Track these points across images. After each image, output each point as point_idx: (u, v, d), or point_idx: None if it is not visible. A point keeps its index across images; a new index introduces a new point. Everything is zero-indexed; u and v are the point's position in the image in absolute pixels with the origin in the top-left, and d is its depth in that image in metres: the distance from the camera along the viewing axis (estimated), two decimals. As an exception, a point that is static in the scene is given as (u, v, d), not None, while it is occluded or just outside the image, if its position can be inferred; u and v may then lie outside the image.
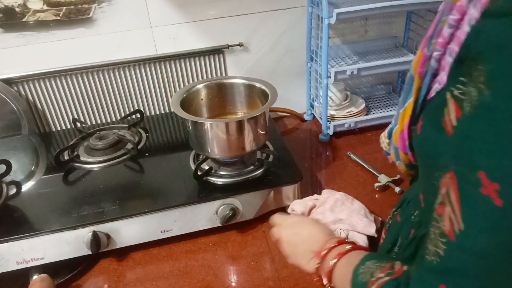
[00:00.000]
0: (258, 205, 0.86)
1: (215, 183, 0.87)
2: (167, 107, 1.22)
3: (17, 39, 1.04)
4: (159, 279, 0.78)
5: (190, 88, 0.95)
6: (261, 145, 0.89)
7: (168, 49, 1.14)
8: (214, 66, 1.19)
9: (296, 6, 1.16)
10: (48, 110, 1.15)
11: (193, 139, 0.88)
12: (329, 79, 1.08)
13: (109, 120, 1.20)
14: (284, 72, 1.25)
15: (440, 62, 0.42)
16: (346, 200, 0.85)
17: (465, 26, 0.38)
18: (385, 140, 0.61)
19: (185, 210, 0.82)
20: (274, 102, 0.86)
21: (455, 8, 0.39)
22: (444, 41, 0.41)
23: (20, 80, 1.09)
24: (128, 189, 0.88)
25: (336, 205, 0.83)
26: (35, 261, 0.78)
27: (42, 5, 1.02)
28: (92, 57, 1.10)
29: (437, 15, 0.46)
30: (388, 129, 0.58)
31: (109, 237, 0.80)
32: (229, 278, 0.77)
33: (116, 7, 1.05)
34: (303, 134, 1.24)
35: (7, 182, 0.88)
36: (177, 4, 1.08)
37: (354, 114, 1.21)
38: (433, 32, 0.44)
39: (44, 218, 0.80)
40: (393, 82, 1.37)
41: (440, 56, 0.42)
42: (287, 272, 0.77)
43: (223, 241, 0.85)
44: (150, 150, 1.02)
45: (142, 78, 1.16)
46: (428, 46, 0.45)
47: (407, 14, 1.23)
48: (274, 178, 0.88)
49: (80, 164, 0.96)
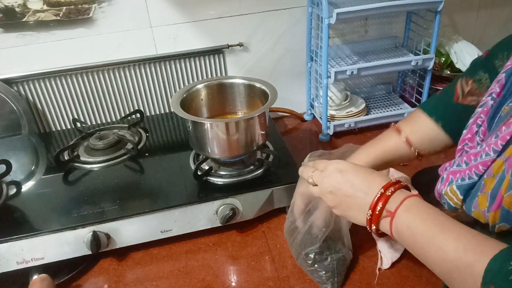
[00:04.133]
0: (258, 205, 0.86)
1: (215, 183, 0.87)
2: (167, 107, 1.22)
3: (17, 39, 1.04)
4: (159, 279, 0.78)
5: (190, 88, 0.95)
6: (261, 145, 0.89)
7: (168, 49, 1.14)
8: (214, 66, 1.19)
9: (296, 6, 1.16)
10: (48, 110, 1.15)
11: (193, 139, 0.88)
12: (329, 79, 1.08)
13: (109, 120, 1.20)
14: (284, 72, 1.25)
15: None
16: None
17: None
18: (455, 196, 0.53)
19: (185, 210, 0.82)
20: (274, 102, 0.86)
21: None
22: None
23: (20, 80, 1.09)
24: (128, 189, 0.88)
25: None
26: (35, 261, 0.78)
27: (42, 5, 1.02)
28: (92, 57, 1.10)
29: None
30: (466, 185, 0.51)
31: (109, 237, 0.80)
32: (229, 278, 0.77)
33: (116, 7, 1.05)
34: (303, 134, 1.24)
35: (7, 182, 0.88)
36: (177, 4, 1.08)
37: (354, 114, 1.21)
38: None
39: (44, 218, 0.80)
40: (393, 82, 1.37)
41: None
42: (287, 272, 0.77)
43: (223, 241, 0.85)
44: (150, 150, 1.02)
45: (142, 78, 1.16)
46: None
47: (407, 14, 1.23)
48: (274, 178, 0.88)
49: (80, 164, 0.96)
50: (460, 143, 0.57)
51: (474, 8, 1.32)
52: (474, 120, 0.56)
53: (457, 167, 0.54)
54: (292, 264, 0.78)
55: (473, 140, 0.55)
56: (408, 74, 1.31)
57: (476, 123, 0.55)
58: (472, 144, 0.55)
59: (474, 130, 0.55)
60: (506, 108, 0.51)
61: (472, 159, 0.51)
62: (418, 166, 0.96)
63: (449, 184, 0.54)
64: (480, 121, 0.55)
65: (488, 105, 0.54)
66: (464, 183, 0.51)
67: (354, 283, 0.74)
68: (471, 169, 0.51)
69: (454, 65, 1.22)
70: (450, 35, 1.28)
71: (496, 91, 0.54)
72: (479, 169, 0.49)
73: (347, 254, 0.76)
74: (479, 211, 0.48)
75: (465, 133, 0.57)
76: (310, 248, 0.74)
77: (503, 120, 0.50)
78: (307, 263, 0.75)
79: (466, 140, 0.56)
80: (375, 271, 0.75)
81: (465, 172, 0.51)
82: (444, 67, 1.26)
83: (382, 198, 0.52)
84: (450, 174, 0.54)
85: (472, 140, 0.55)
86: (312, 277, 0.75)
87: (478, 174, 0.49)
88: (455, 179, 0.53)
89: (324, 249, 0.74)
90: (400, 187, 0.53)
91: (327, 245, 0.75)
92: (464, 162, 0.53)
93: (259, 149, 0.91)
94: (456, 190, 0.52)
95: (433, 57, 1.11)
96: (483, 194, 0.48)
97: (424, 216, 0.48)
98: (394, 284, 0.73)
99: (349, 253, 0.76)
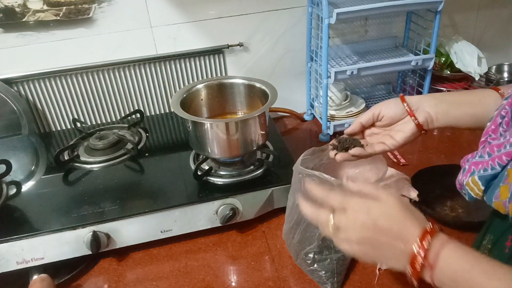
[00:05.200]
0: (258, 205, 0.86)
1: (215, 183, 0.87)
2: (167, 107, 1.22)
3: (17, 39, 1.04)
4: (159, 279, 0.78)
5: (190, 88, 0.95)
6: (261, 145, 0.89)
7: (168, 49, 1.14)
8: (214, 66, 1.19)
9: (296, 6, 1.16)
10: (48, 110, 1.15)
11: (193, 139, 0.88)
12: (329, 79, 1.08)
13: (109, 120, 1.20)
14: (284, 72, 1.25)
15: None
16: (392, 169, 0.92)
17: None
18: (476, 187, 0.52)
19: (185, 210, 0.82)
20: (274, 102, 0.86)
21: None
22: None
23: (20, 80, 1.09)
24: (128, 189, 0.88)
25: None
26: (35, 261, 0.78)
27: (42, 5, 1.02)
28: (92, 57, 1.10)
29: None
30: (488, 176, 0.50)
31: (109, 237, 0.80)
32: (229, 278, 0.77)
33: (116, 7, 1.05)
34: (303, 134, 1.24)
35: (7, 182, 0.88)
36: (177, 4, 1.08)
37: (354, 114, 1.21)
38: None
39: (44, 218, 0.80)
40: (393, 82, 1.37)
41: None
42: (287, 272, 0.77)
43: (223, 241, 0.85)
44: (150, 150, 1.02)
45: (142, 78, 1.16)
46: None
47: (407, 14, 1.23)
48: (274, 178, 0.88)
49: (80, 164, 0.96)
50: (483, 134, 0.56)
51: (474, 8, 1.32)
52: (499, 112, 0.55)
53: (479, 158, 0.53)
54: (292, 264, 0.78)
55: (497, 132, 0.54)
56: (408, 74, 1.31)
57: (500, 114, 0.55)
58: (495, 135, 0.54)
59: (498, 122, 0.55)
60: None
61: (495, 150, 0.51)
62: (418, 166, 0.96)
63: (471, 174, 0.53)
64: (504, 112, 0.54)
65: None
66: (486, 173, 0.50)
67: (354, 283, 0.74)
68: (494, 160, 0.50)
69: (454, 65, 1.21)
70: (450, 35, 1.28)
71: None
72: (502, 159, 0.49)
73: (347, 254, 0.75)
74: (500, 202, 0.48)
75: (489, 124, 0.56)
76: (309, 247, 0.74)
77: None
78: (307, 263, 0.75)
79: (490, 131, 0.55)
80: (375, 271, 0.75)
81: (488, 163, 0.51)
82: (444, 67, 1.26)
83: (421, 251, 0.46)
84: (472, 165, 0.53)
85: (495, 131, 0.55)
86: (312, 277, 0.75)
87: (502, 164, 0.49)
88: (477, 170, 0.52)
89: (324, 249, 0.74)
90: (435, 232, 0.47)
91: (326, 244, 0.74)
92: (487, 153, 0.52)
93: (259, 149, 0.91)
94: (478, 181, 0.51)
95: (433, 57, 1.11)
96: (505, 185, 0.47)
97: (467, 267, 0.44)
98: (394, 284, 0.73)
99: (349, 253, 0.76)
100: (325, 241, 0.74)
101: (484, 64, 1.19)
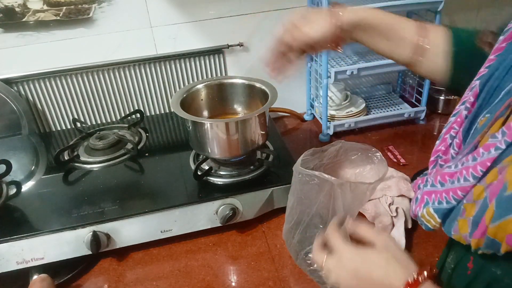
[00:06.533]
0: (258, 205, 0.86)
1: (215, 183, 0.87)
2: (167, 107, 1.22)
3: (17, 39, 1.04)
4: (159, 279, 0.78)
5: (190, 88, 0.95)
6: (261, 145, 0.89)
7: (168, 49, 1.14)
8: (214, 66, 1.19)
9: (296, 6, 1.16)
10: (48, 110, 1.15)
11: (193, 139, 0.88)
12: (329, 79, 1.08)
13: (109, 120, 1.20)
14: (284, 72, 1.25)
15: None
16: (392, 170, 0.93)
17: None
18: (432, 219, 0.50)
19: (185, 210, 0.82)
20: (274, 102, 0.86)
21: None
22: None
23: (20, 80, 1.09)
24: (128, 189, 0.88)
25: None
26: (35, 261, 0.78)
27: (42, 5, 1.02)
28: (92, 57, 1.10)
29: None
30: (444, 209, 0.48)
31: (109, 237, 0.80)
32: (229, 278, 0.77)
33: (116, 7, 1.05)
34: (303, 134, 1.24)
35: (7, 182, 0.88)
36: (177, 4, 1.08)
37: (354, 114, 1.21)
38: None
39: (44, 218, 0.81)
40: (393, 82, 1.37)
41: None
42: (287, 272, 0.77)
43: (223, 241, 0.85)
44: (150, 150, 1.02)
45: (142, 78, 1.16)
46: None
47: (407, 14, 1.23)
48: (274, 178, 0.88)
49: (80, 164, 0.96)
50: (433, 154, 0.54)
51: (474, 8, 1.32)
52: (447, 131, 0.53)
53: (431, 187, 0.50)
54: (292, 264, 0.78)
55: (447, 153, 0.52)
56: (408, 74, 1.31)
57: (449, 134, 0.52)
58: (446, 157, 0.52)
59: (448, 142, 0.52)
60: (482, 120, 0.48)
61: (448, 180, 0.48)
62: (418, 166, 0.96)
63: (425, 205, 0.50)
64: (454, 132, 0.52)
65: (462, 115, 0.51)
66: (441, 206, 0.48)
67: (354, 283, 0.74)
68: (448, 192, 0.47)
69: (454, 65, 1.21)
70: (450, 35, 1.28)
71: (470, 101, 0.50)
72: (457, 194, 0.46)
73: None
74: (460, 235, 0.46)
75: (438, 143, 0.54)
76: (309, 247, 0.74)
77: (479, 133, 0.47)
78: (307, 263, 0.75)
79: (440, 152, 0.53)
80: (375, 271, 0.75)
81: (442, 194, 0.48)
82: (444, 67, 1.26)
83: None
84: (425, 195, 0.51)
85: (446, 152, 0.53)
86: (312, 277, 0.75)
87: (457, 199, 0.46)
88: (431, 201, 0.50)
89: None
90: (418, 285, 0.47)
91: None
92: (438, 182, 0.49)
93: (259, 149, 0.91)
94: (433, 214, 0.49)
95: (433, 57, 1.11)
96: (463, 218, 0.45)
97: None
98: (394, 284, 0.73)
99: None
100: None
101: (484, 64, 1.19)
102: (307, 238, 0.74)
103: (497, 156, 0.43)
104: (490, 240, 0.42)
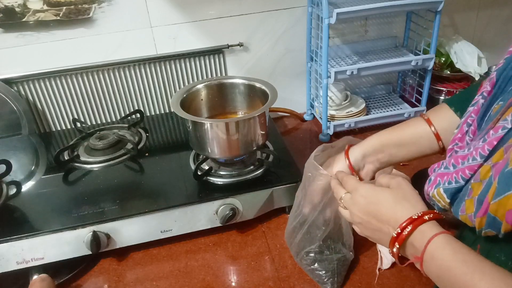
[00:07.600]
0: (258, 205, 0.86)
1: (215, 183, 0.87)
2: (167, 107, 1.22)
3: (17, 39, 1.04)
4: (159, 279, 0.78)
5: (190, 88, 0.95)
6: (261, 145, 0.89)
7: (168, 49, 1.14)
8: (214, 66, 1.19)
9: (296, 6, 1.16)
10: (48, 110, 1.15)
11: (193, 139, 0.88)
12: (329, 79, 1.08)
13: (109, 120, 1.20)
14: (284, 72, 1.25)
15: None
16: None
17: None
18: (442, 199, 0.52)
19: (185, 210, 0.82)
20: (274, 102, 0.86)
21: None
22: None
23: (20, 80, 1.09)
24: (128, 189, 0.88)
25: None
26: (35, 261, 0.78)
27: (42, 5, 1.02)
28: (92, 57, 1.10)
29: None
30: (453, 189, 0.50)
31: (109, 237, 0.80)
32: (229, 278, 0.77)
33: (116, 7, 1.05)
34: (303, 134, 1.24)
35: (7, 182, 0.88)
36: (177, 4, 1.08)
37: (354, 114, 1.21)
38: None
39: (44, 218, 0.81)
40: (393, 82, 1.37)
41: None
42: (287, 272, 0.77)
43: (223, 241, 0.85)
44: (150, 150, 1.02)
45: (142, 78, 1.16)
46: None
47: (407, 14, 1.23)
48: (274, 178, 0.88)
49: (80, 164, 0.96)
50: (451, 142, 0.56)
51: (474, 8, 1.32)
52: (465, 120, 0.55)
53: (444, 169, 0.53)
54: (292, 264, 0.78)
55: (463, 140, 0.54)
56: (408, 74, 1.31)
57: (466, 122, 0.54)
58: (462, 144, 0.54)
59: (464, 130, 0.54)
60: (496, 107, 0.50)
61: (460, 162, 0.50)
62: (418, 166, 0.96)
63: (436, 186, 0.53)
64: (471, 120, 0.54)
65: (479, 104, 0.53)
66: (451, 186, 0.50)
67: (354, 283, 0.74)
68: (458, 172, 0.49)
69: (454, 65, 1.22)
70: (450, 35, 1.28)
71: (487, 90, 0.53)
72: (465, 173, 0.48)
73: (347, 254, 0.76)
74: (466, 216, 0.47)
75: (456, 132, 0.56)
76: (310, 247, 0.74)
77: (493, 119, 0.49)
78: (307, 262, 0.75)
79: (457, 140, 0.55)
80: (375, 271, 0.75)
81: (452, 175, 0.50)
82: (444, 67, 1.26)
83: (398, 239, 0.50)
84: (438, 176, 0.53)
85: (462, 139, 0.54)
86: (312, 276, 0.75)
87: (465, 178, 0.48)
88: (442, 182, 0.52)
89: (324, 249, 0.74)
90: (423, 221, 0.49)
91: (327, 245, 0.75)
92: (451, 164, 0.51)
93: (259, 149, 0.91)
94: (443, 193, 0.51)
95: (433, 57, 1.11)
96: (470, 198, 0.47)
97: (452, 264, 0.45)
98: (394, 284, 0.73)
99: (349, 254, 0.76)
100: (326, 241, 0.74)
101: (484, 64, 1.19)
102: (309, 238, 0.75)
103: (503, 135, 0.44)
104: (492, 218, 0.43)
